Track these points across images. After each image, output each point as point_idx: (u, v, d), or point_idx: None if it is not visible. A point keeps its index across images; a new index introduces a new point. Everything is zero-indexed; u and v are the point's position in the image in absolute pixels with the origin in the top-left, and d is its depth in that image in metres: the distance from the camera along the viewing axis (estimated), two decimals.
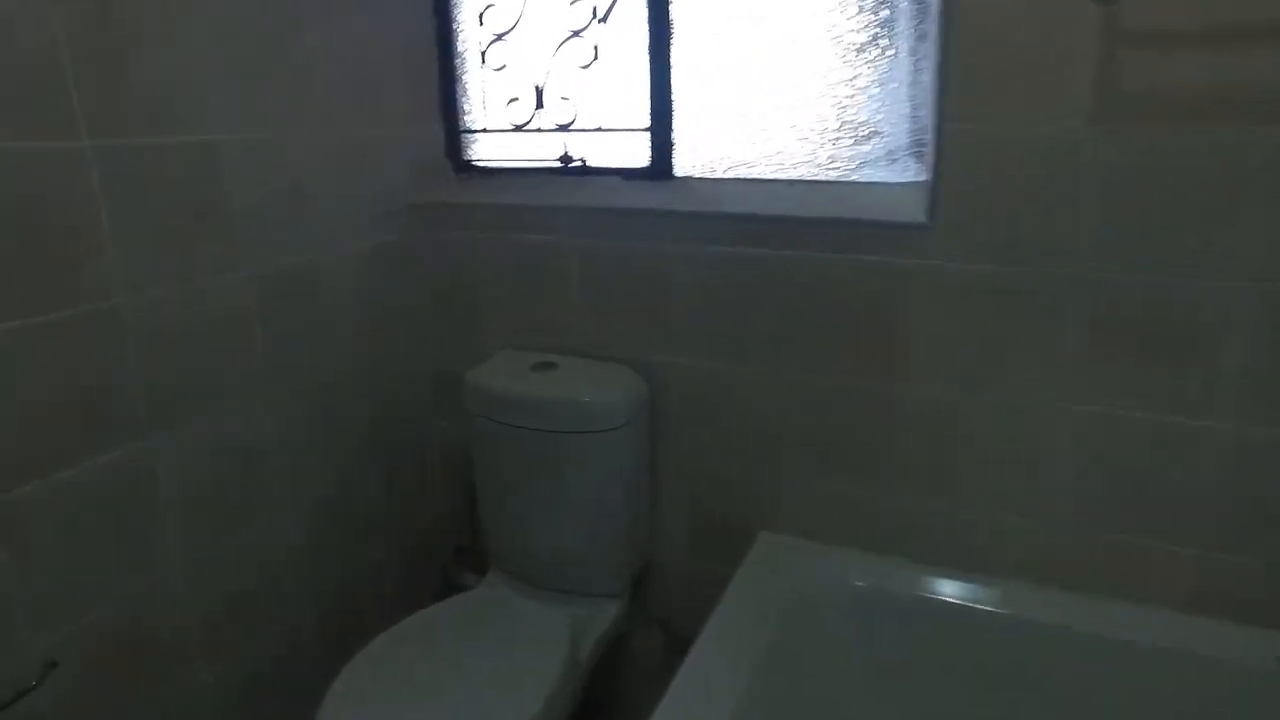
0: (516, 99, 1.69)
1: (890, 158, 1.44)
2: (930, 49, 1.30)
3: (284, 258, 1.44)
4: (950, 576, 1.41)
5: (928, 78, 1.32)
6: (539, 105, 1.67)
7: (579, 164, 1.65)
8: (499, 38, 1.68)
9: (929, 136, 1.33)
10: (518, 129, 1.71)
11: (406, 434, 1.81)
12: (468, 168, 1.79)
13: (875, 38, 1.40)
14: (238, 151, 1.34)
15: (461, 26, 1.72)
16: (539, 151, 1.70)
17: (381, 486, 1.75)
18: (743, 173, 1.53)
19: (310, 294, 1.51)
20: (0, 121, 1.03)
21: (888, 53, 1.40)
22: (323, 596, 1.63)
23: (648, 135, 1.57)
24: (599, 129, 1.63)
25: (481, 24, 1.69)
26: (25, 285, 1.08)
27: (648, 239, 1.51)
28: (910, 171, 1.41)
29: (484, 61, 1.71)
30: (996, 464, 1.36)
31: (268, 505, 1.48)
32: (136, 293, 1.21)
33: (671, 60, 1.51)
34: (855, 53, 1.41)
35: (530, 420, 1.50)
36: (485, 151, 1.78)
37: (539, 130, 1.69)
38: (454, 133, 1.78)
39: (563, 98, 1.64)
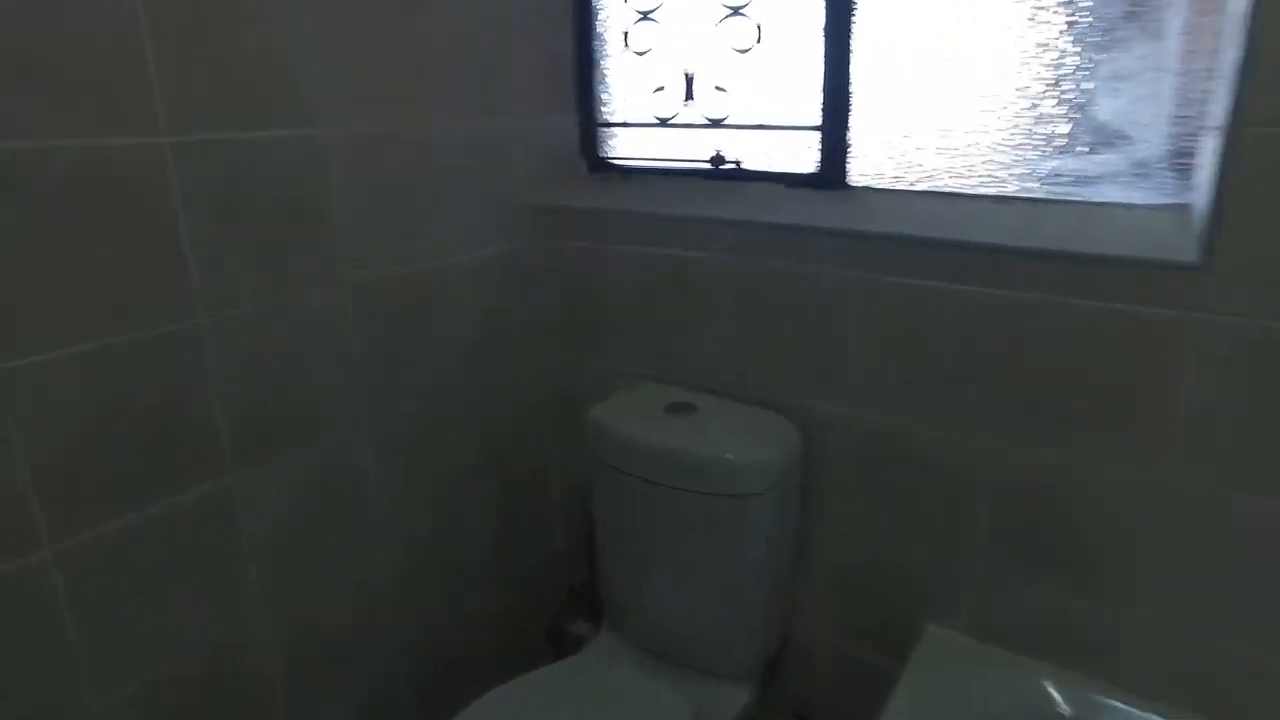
0: (662, 88, 1.45)
1: (1138, 171, 1.10)
2: (1228, 24, 0.96)
3: (390, 267, 1.27)
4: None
5: (1209, 64, 0.98)
6: (688, 96, 1.42)
7: (733, 166, 1.40)
8: (644, 16, 1.44)
9: (1207, 143, 0.99)
10: (662, 123, 1.47)
11: (521, 464, 1.62)
12: (604, 166, 1.56)
13: (1130, 13, 1.06)
14: (342, 147, 1.16)
15: (602, 3, 1.49)
16: (687, 150, 1.45)
17: (490, 521, 1.57)
18: (934, 184, 1.23)
19: (418, 308, 1.33)
20: (68, 113, 0.89)
21: (1146, 31, 1.06)
22: (418, 642, 1.46)
23: (817, 135, 1.29)
24: (759, 126, 1.36)
25: (625, 0, 1.46)
26: (95, 302, 0.94)
27: (814, 262, 1.24)
28: (1167, 190, 1.07)
29: (627, 44, 1.48)
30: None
31: (363, 542, 1.33)
32: (221, 310, 1.06)
33: (852, 42, 1.23)
34: (1099, 33, 1.08)
35: (660, 474, 1.26)
36: (625, 148, 1.55)
37: (687, 126, 1.44)
38: (590, 126, 1.56)
39: (717, 88, 1.39)
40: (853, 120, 1.26)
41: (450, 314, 1.39)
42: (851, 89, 1.25)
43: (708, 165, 1.42)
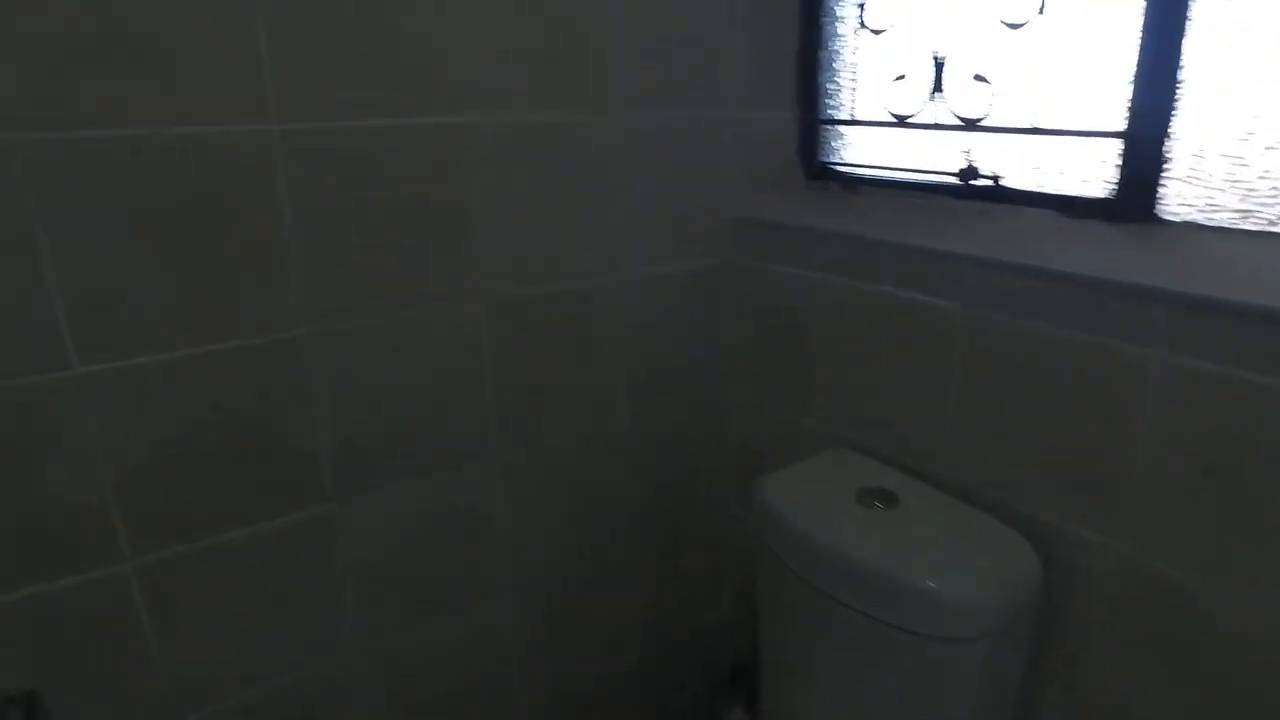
0: (903, 77, 1.12)
1: None
2: None
3: (539, 282, 1.08)
4: None
5: None
6: (936, 88, 1.08)
7: (989, 183, 1.04)
8: None
9: None
10: (901, 122, 1.14)
11: (688, 518, 1.38)
12: (825, 174, 1.27)
13: None
14: (486, 138, 0.99)
15: None
16: (930, 158, 1.12)
17: (646, 579, 1.35)
18: None
19: (572, 329, 1.13)
20: (173, 98, 0.79)
21: None
22: (546, 709, 1.28)
23: (1118, 144, 0.91)
24: (1029, 130, 1.00)
25: None
26: (187, 304, 0.85)
27: (1098, 331, 0.86)
28: None
29: (862, 23, 1.17)
30: None
31: (484, 591, 1.16)
32: (329, 320, 0.93)
33: (1188, 8, 0.83)
34: None
35: (839, 588, 0.95)
36: (853, 152, 1.25)
37: (933, 126, 1.10)
38: (811, 124, 1.27)
39: (976, 77, 1.03)
40: (1176, 124, 0.86)
41: (613, 340, 1.18)
42: (1180, 78, 0.85)
43: (955, 180, 1.07)
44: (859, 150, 1.23)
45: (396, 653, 1.11)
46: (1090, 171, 0.94)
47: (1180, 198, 0.88)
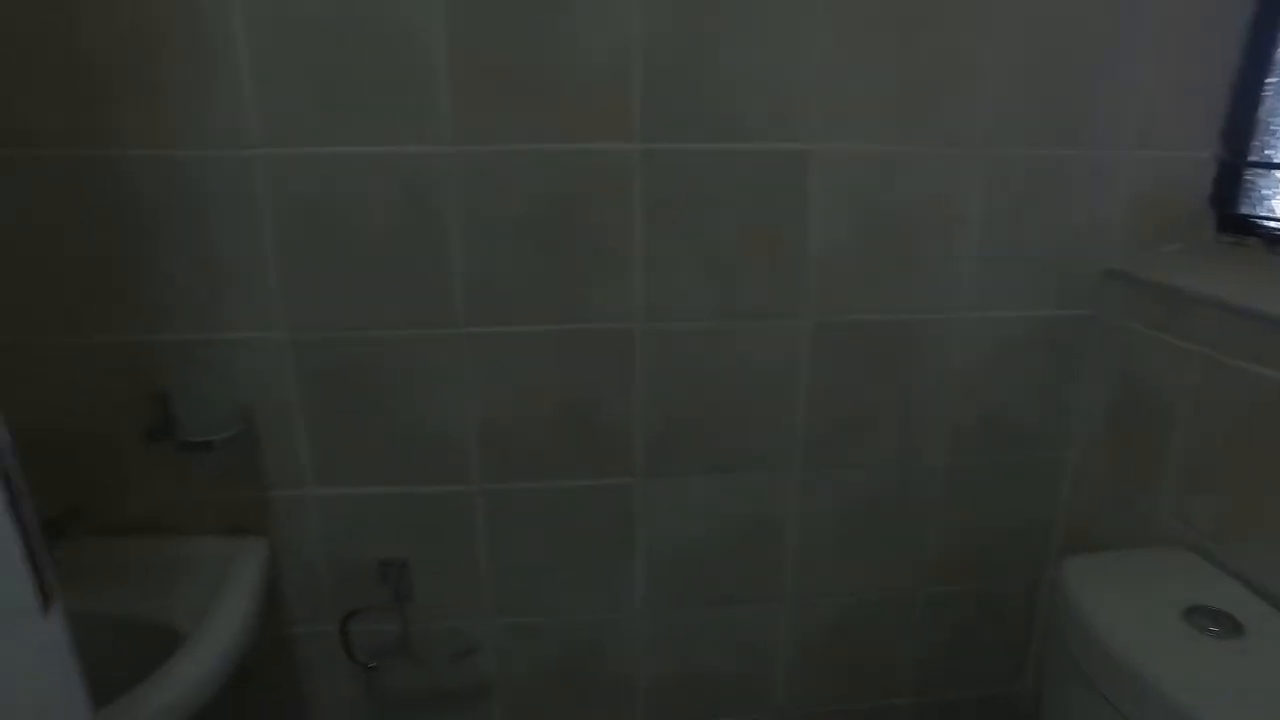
0: None
1: None
2: None
3: (868, 310, 1.08)
4: None
5: None
6: None
7: None
8: None
9: None
10: None
11: (996, 577, 1.27)
12: (1244, 226, 1.06)
13: None
14: (836, 167, 1.01)
15: None
16: None
17: (938, 626, 1.28)
18: None
19: (896, 360, 1.11)
20: (551, 121, 0.96)
21: None
22: None
23: None
24: None
25: None
26: (549, 289, 1.03)
27: None
28: None
29: None
30: None
31: (765, 593, 1.21)
32: (659, 318, 1.05)
33: None
34: None
35: None
36: None
37: None
38: (1235, 167, 1.06)
39: None
40: None
41: (939, 378, 1.13)
42: None
43: None
44: None
45: (673, 627, 1.22)
46: None
47: None
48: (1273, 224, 1.03)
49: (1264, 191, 1.05)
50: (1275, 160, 1.03)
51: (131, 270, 0.97)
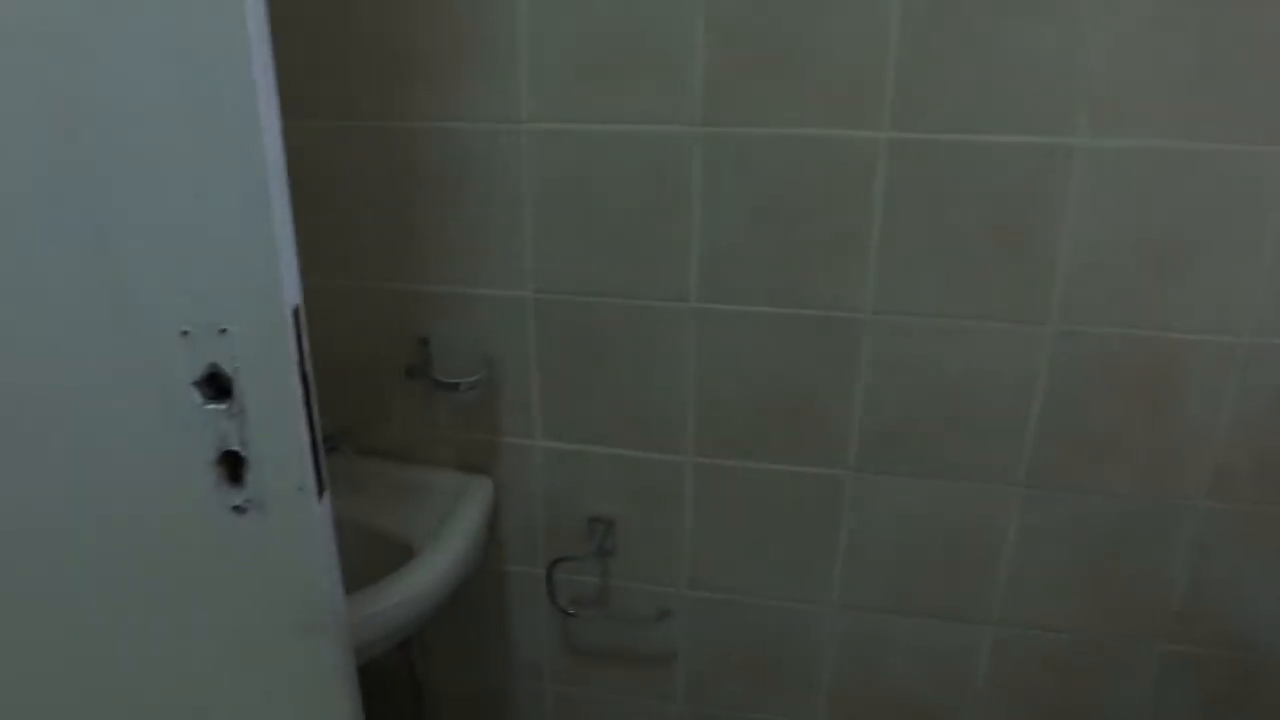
0: None
1: None
2: None
3: (1125, 324, 0.99)
4: None
5: None
6: None
7: None
8: None
9: None
10: None
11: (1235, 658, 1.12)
12: None
13: None
14: (1105, 164, 0.93)
15: None
16: None
17: (1181, 693, 1.15)
18: None
19: (1153, 382, 1.01)
20: (804, 105, 0.96)
21: None
22: None
23: None
24: None
25: None
26: (780, 271, 1.04)
27: None
28: None
29: None
30: None
31: (969, 609, 1.16)
32: (891, 311, 1.03)
33: None
34: None
35: None
36: None
37: None
38: None
39: None
40: None
41: (1210, 412, 1.01)
42: None
43: None
44: None
45: (866, 631, 1.19)
46: None
47: None
48: None
49: None
50: None
51: (413, 226, 1.11)
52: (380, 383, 1.20)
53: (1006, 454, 1.07)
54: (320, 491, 0.63)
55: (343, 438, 1.18)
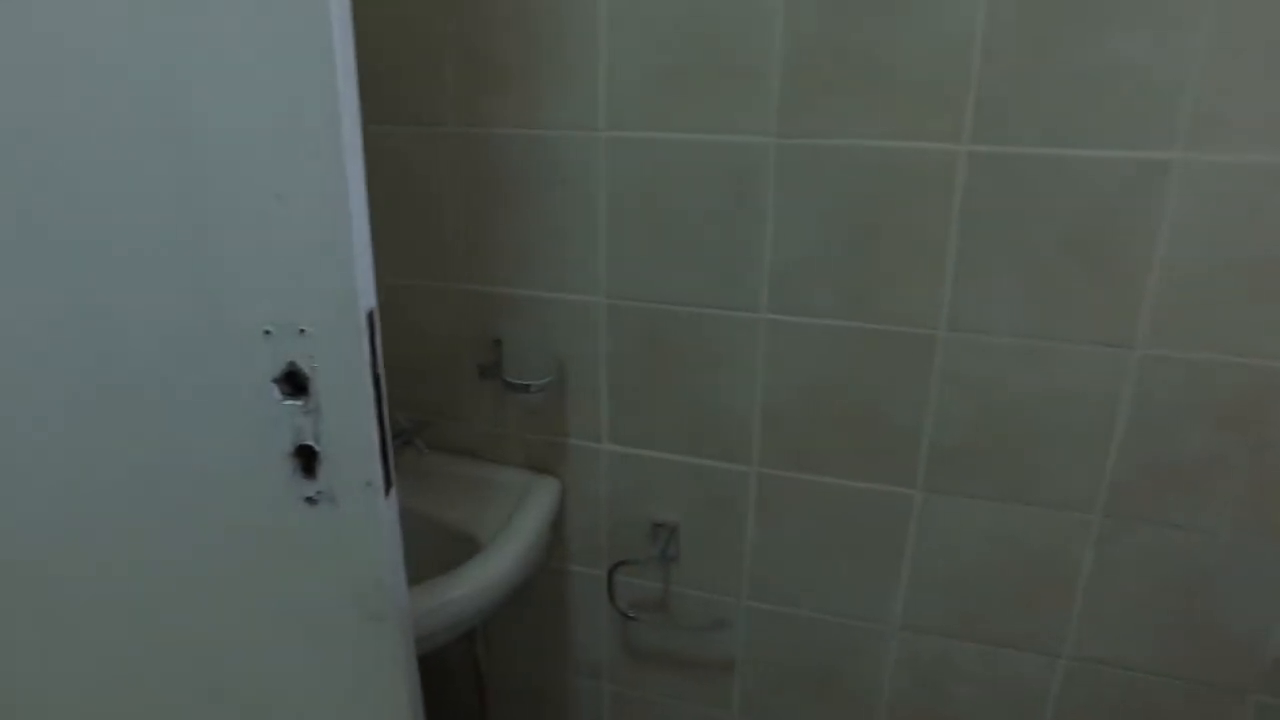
0: None
1: None
2: None
3: (1223, 350, 0.94)
4: None
5: None
6: None
7: None
8: None
9: None
10: None
11: None
12: None
13: None
14: (1203, 179, 0.89)
15: None
16: None
17: None
18: None
19: (1254, 414, 0.95)
20: (879, 113, 0.95)
21: None
22: None
23: None
24: None
25: None
26: (853, 284, 1.03)
27: None
28: None
29: None
30: None
31: (1040, 638, 1.11)
32: (965, 328, 1.00)
33: None
34: None
35: None
36: None
37: None
38: None
39: None
40: None
41: None
42: None
43: None
44: None
45: (929, 654, 1.16)
46: None
47: None
48: None
49: None
50: None
51: (492, 230, 1.14)
52: (455, 381, 1.24)
53: (1085, 481, 1.03)
54: (387, 488, 0.66)
55: (416, 432, 1.23)
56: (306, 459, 0.63)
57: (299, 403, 0.61)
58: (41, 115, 0.59)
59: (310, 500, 0.64)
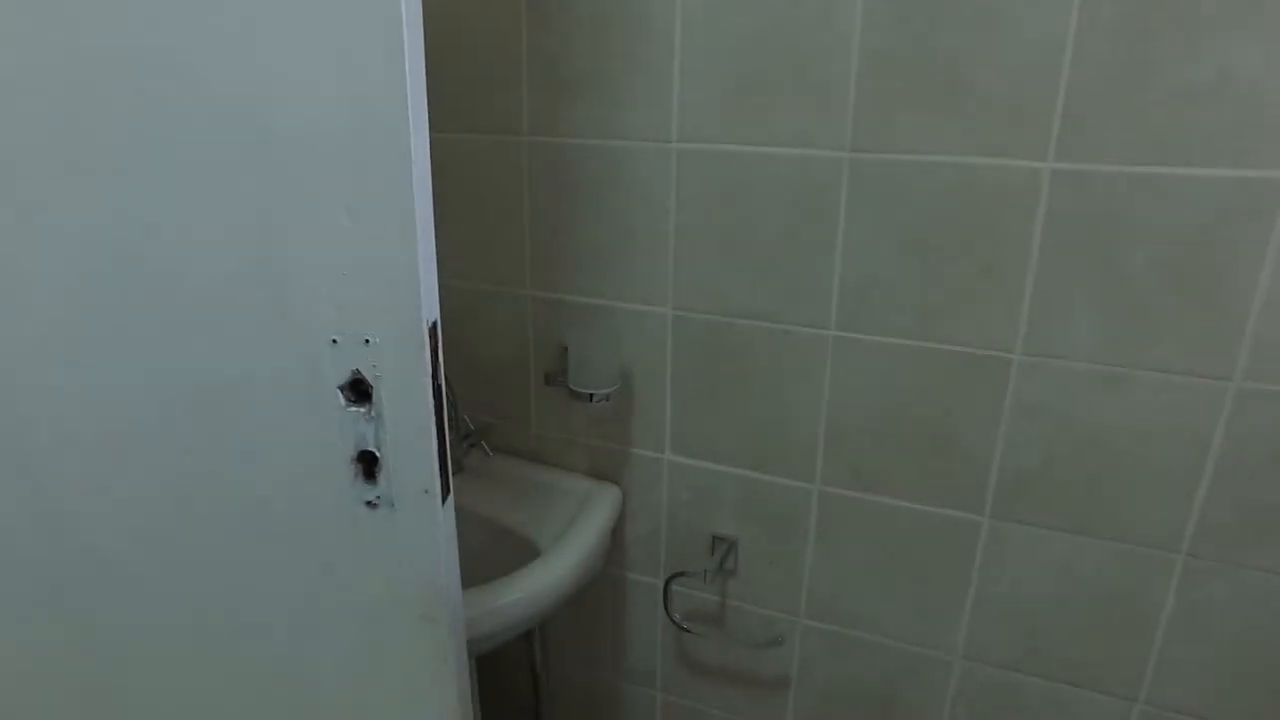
0: None
1: None
2: None
3: None
4: None
5: None
6: None
7: None
8: None
9: None
10: None
11: None
12: None
13: None
14: None
15: None
16: None
17: None
18: None
19: None
20: (963, 130, 0.92)
21: None
22: None
23: None
24: None
25: None
26: (928, 303, 1.00)
27: None
28: None
29: None
30: None
31: (1114, 680, 1.06)
32: (1043, 352, 0.96)
33: None
34: None
35: None
36: None
37: None
38: None
39: None
40: None
41: None
42: None
43: None
44: None
45: (992, 689, 1.12)
46: None
47: None
48: None
49: None
50: None
51: (563, 238, 1.15)
52: (521, 385, 1.25)
53: (1170, 518, 0.97)
54: (444, 495, 0.68)
55: (483, 434, 1.25)
56: (368, 464, 0.65)
57: (362, 409, 0.63)
58: (140, 129, 0.62)
59: (370, 504, 0.66)
